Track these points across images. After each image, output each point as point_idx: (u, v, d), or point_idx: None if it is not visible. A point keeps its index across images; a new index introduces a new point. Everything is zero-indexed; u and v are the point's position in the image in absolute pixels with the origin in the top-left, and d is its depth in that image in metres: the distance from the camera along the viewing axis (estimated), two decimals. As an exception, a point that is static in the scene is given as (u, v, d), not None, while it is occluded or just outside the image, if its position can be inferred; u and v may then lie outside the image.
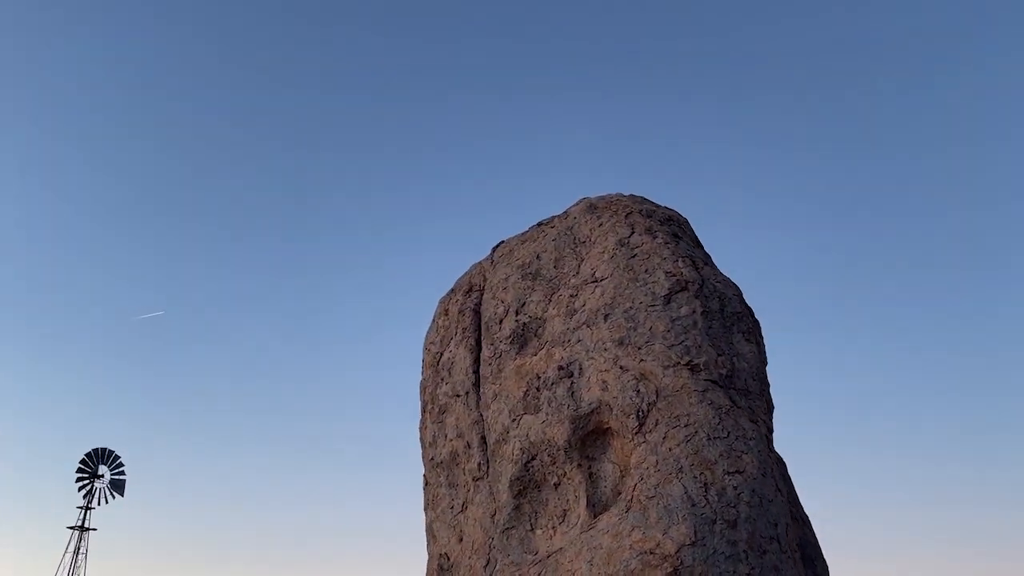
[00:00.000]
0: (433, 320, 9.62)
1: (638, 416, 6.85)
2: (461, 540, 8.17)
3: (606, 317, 7.55)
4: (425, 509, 9.00)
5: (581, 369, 7.41)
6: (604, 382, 7.18)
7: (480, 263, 9.62)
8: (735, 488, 6.42)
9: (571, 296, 8.00)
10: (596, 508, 7.01)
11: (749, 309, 7.93)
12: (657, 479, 6.47)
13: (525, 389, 7.69)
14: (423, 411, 9.22)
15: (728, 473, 6.49)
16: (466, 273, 9.64)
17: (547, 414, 7.37)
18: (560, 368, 7.50)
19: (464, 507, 8.19)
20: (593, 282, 7.94)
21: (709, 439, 6.64)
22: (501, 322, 8.39)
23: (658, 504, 6.31)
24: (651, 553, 6.10)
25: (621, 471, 7.07)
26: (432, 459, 8.74)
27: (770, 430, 7.49)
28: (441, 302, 9.58)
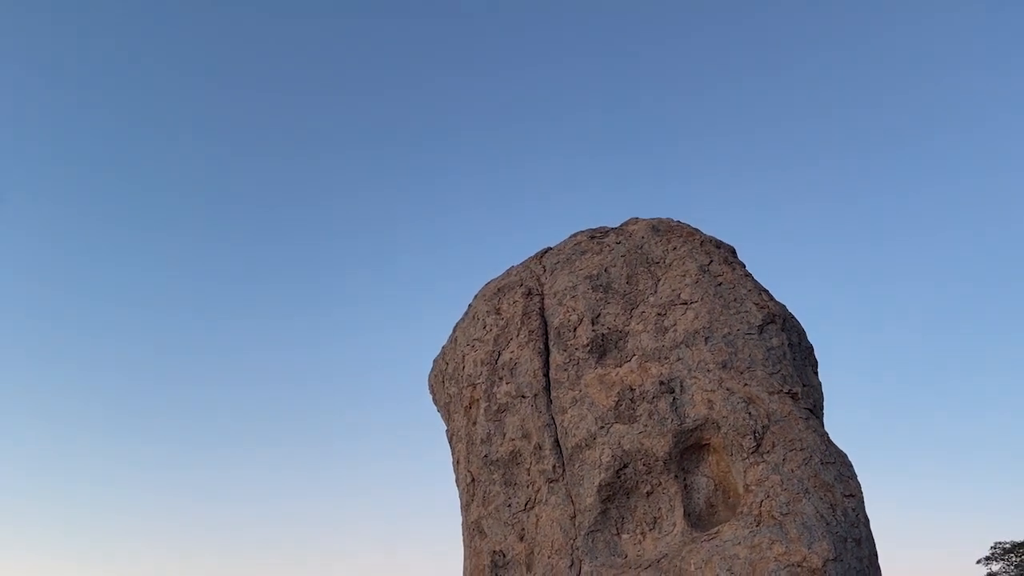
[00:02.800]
0: (475, 317, 9.66)
1: (754, 436, 7.44)
2: (523, 539, 8.36)
3: (706, 340, 8.09)
4: (467, 506, 9.06)
5: (683, 386, 7.89)
6: (710, 401, 7.72)
7: (526, 266, 9.80)
8: (853, 510, 7.21)
9: (659, 314, 8.45)
10: (691, 518, 7.54)
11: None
12: (786, 497, 7.09)
13: (616, 399, 8.04)
14: (468, 407, 9.26)
15: (845, 496, 7.26)
16: (512, 274, 9.78)
17: (646, 425, 7.78)
18: (661, 383, 7.93)
19: (529, 506, 8.39)
20: (682, 304, 8.44)
21: (823, 463, 7.37)
22: (575, 330, 8.67)
23: (795, 521, 6.93)
24: (799, 566, 6.71)
25: (716, 485, 7.66)
26: (486, 456, 8.83)
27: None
28: (486, 300, 9.64)
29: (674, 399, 7.83)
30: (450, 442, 9.86)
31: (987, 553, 23.50)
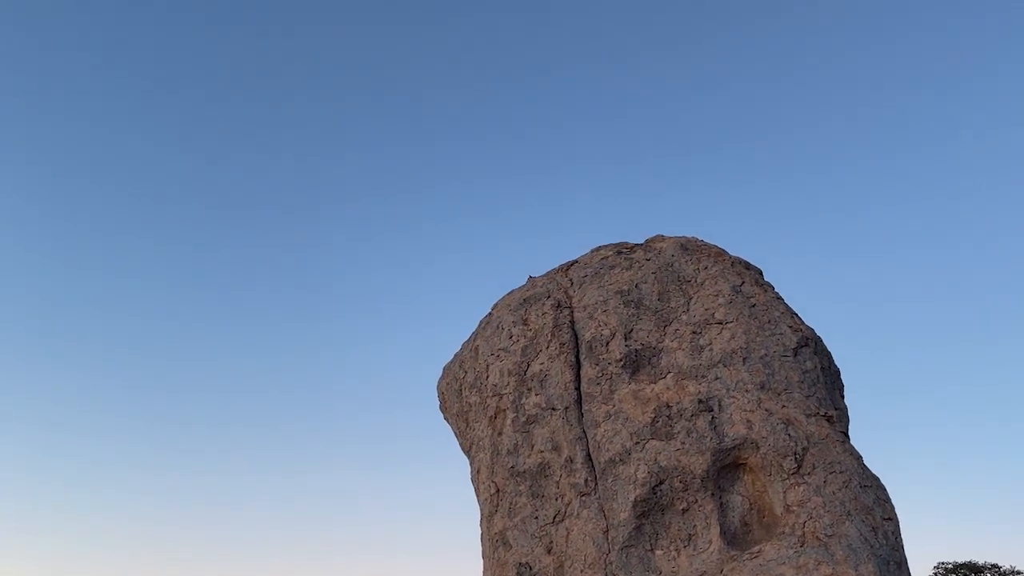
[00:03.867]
0: (500, 327, 9.62)
1: (795, 458, 7.57)
2: (551, 551, 8.35)
3: (744, 360, 8.21)
4: (490, 517, 9.00)
5: (721, 406, 7.99)
6: (749, 421, 7.83)
7: (552, 278, 9.81)
8: (892, 533, 7.39)
9: (693, 333, 8.55)
10: (726, 537, 7.64)
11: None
12: (830, 519, 7.23)
13: (653, 415, 8.10)
14: (493, 417, 9.22)
15: (884, 519, 7.43)
16: (538, 285, 9.77)
17: (683, 443, 7.86)
18: (700, 401, 8.02)
19: (558, 519, 8.39)
20: (717, 324, 8.55)
21: (861, 487, 7.54)
22: (608, 344, 8.72)
23: (840, 543, 7.08)
24: (846, 587, 6.85)
25: (751, 504, 7.77)
26: (512, 467, 8.80)
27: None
28: (512, 310, 9.62)
29: (713, 418, 7.91)
30: (468, 451, 9.80)
31: (930, 573, 24.23)
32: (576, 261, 9.97)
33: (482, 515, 9.19)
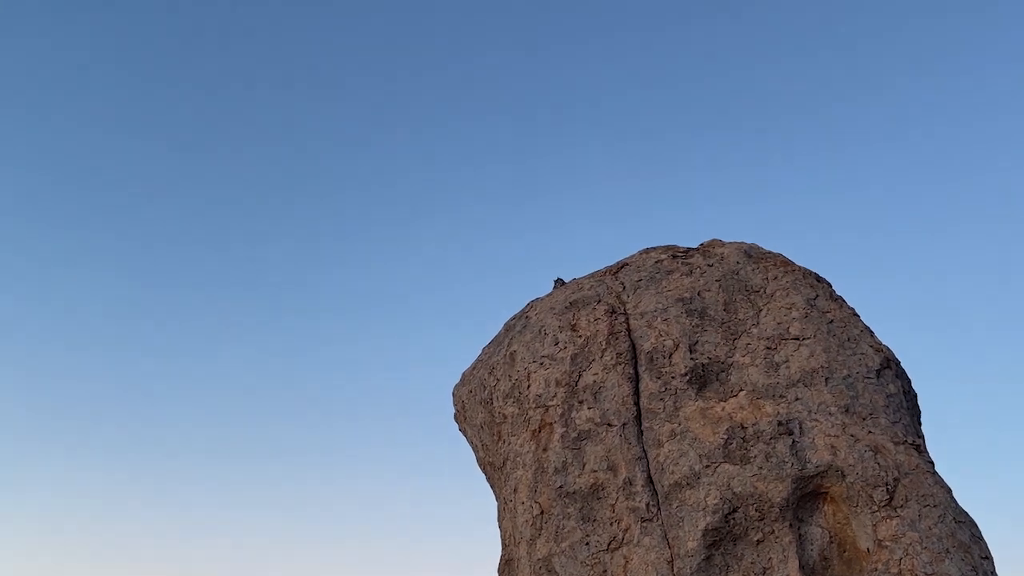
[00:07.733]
0: (543, 332, 8.86)
1: (887, 489, 6.97)
2: (604, 581, 7.63)
3: (826, 380, 7.60)
4: (532, 540, 8.23)
5: (802, 429, 7.37)
6: (833, 447, 7.22)
7: (600, 281, 9.09)
8: (991, 573, 6.83)
9: (767, 348, 7.92)
10: (805, 572, 7.01)
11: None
12: (928, 557, 6.64)
13: (726, 437, 7.44)
14: (537, 431, 8.45)
15: (982, 558, 6.87)
16: (585, 288, 9.05)
17: (761, 468, 7.22)
18: (779, 423, 7.38)
19: (613, 546, 7.67)
20: (793, 340, 7.93)
21: (956, 522, 6.97)
22: (671, 357, 8.04)
23: (944, 584, 6.50)
24: (956, 634, 6.26)
25: (831, 537, 7.15)
26: (560, 487, 8.04)
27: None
28: (557, 315, 8.86)
29: (793, 442, 7.27)
30: (498, 466, 9.00)
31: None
32: (626, 263, 9.26)
33: (519, 538, 8.41)
